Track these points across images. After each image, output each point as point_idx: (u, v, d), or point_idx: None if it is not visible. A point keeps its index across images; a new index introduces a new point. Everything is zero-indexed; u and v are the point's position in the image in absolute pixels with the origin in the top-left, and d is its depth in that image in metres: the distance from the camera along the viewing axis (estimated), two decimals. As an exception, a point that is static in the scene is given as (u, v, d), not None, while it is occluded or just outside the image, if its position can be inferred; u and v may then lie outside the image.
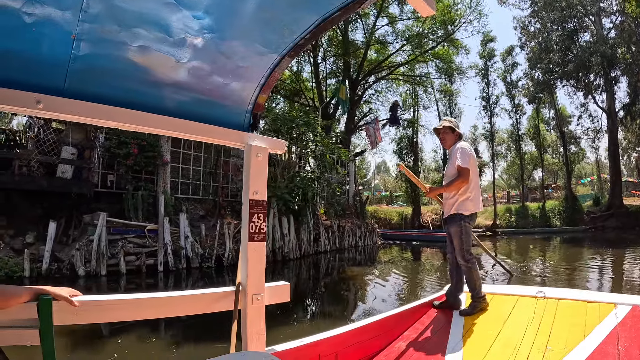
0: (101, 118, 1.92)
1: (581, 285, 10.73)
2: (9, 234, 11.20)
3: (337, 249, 20.64)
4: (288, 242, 17.05)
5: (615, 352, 3.06)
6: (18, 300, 1.64)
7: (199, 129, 2.21)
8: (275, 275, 13.54)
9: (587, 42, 33.94)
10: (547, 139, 47.61)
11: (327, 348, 3.13)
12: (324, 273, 15.42)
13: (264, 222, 2.36)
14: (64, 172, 12.66)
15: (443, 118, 5.09)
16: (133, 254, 12.35)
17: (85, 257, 11.43)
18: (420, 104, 42.02)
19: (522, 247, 23.60)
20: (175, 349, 5.95)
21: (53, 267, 11.05)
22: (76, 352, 5.63)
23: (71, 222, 12.25)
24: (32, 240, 11.31)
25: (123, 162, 13.74)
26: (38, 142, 12.35)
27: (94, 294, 8.98)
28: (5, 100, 1.68)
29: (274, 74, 2.21)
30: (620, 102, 35.00)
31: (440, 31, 31.49)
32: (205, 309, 2.25)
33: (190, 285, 11.66)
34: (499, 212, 38.51)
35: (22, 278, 10.38)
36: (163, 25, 1.81)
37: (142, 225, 12.88)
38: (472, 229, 4.53)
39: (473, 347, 3.49)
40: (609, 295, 4.39)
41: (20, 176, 11.76)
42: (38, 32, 1.63)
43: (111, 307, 1.96)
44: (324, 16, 1.89)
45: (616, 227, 31.19)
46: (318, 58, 31.86)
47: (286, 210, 17.23)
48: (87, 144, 13.43)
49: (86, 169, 13.21)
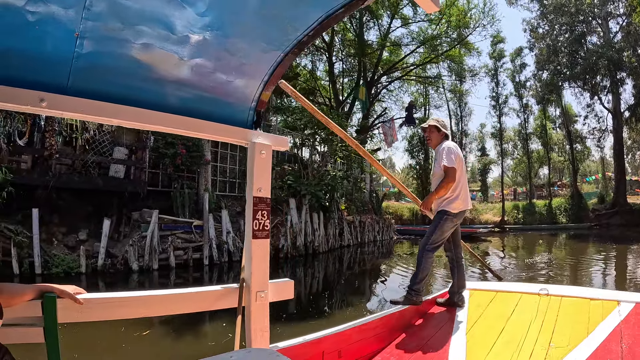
0: (105, 116, 1.86)
1: (586, 281, 10.65)
2: (61, 232, 11.23)
3: (359, 243, 20.80)
4: (318, 236, 17.26)
5: (618, 349, 2.96)
6: (23, 298, 1.60)
7: (203, 126, 2.13)
8: (307, 268, 14.19)
9: (595, 44, 33.59)
10: (554, 138, 47.12)
11: (330, 345, 3.04)
12: (352, 265, 15.91)
13: (268, 219, 2.28)
14: (116, 171, 12.81)
15: (430, 117, 4.93)
16: (181, 249, 12.56)
17: (138, 252, 11.62)
18: (432, 104, 42.00)
19: (531, 243, 23.62)
20: (179, 345, 5.86)
21: (107, 263, 11.17)
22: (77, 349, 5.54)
23: (121, 220, 12.36)
24: (84, 237, 11.39)
25: (170, 161, 13.84)
26: (93, 143, 12.44)
27: (147, 288, 9.00)
28: (9, 99, 1.63)
29: (277, 71, 2.13)
30: (626, 103, 34.63)
31: (454, 34, 31.32)
32: (209, 306, 2.18)
33: (231, 278, 11.77)
34: (506, 209, 38.13)
35: (79, 274, 10.47)
36: (166, 22, 1.74)
37: (189, 222, 13.05)
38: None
39: (476, 344, 3.38)
40: (612, 293, 4.25)
41: (79, 176, 11.88)
42: (41, 30, 1.57)
43: (115, 304, 1.90)
44: (327, 13, 1.82)
45: (620, 225, 30.79)
46: (333, 57, 31.73)
47: (318, 206, 17.49)
48: (139, 144, 13.55)
49: (138, 168, 13.35)
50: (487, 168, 52.07)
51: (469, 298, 4.48)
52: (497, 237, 27.60)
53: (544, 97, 37.73)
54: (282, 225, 15.58)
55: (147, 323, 6.36)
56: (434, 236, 4.21)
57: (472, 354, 3.20)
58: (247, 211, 2.25)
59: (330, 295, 10.45)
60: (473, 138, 52.75)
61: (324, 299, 9.99)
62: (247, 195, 2.27)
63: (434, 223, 4.27)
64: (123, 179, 12.86)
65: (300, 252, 15.93)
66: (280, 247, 15.21)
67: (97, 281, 10.25)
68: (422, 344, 3.49)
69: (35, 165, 11.40)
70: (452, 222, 4.25)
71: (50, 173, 11.15)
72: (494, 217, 36.99)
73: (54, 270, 10.19)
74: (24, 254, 10.05)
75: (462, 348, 3.32)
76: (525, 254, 17.87)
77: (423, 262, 4.18)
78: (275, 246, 15.04)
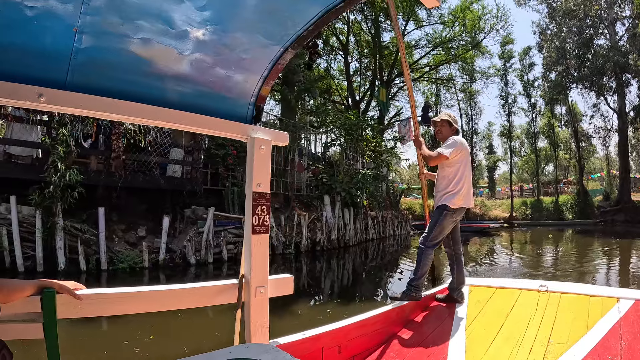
0: (104, 111, 1.76)
1: (589, 275, 10.50)
2: (120, 229, 11.35)
3: (381, 237, 21.05)
4: (349, 230, 17.61)
5: (617, 346, 2.85)
6: (22, 294, 1.51)
7: (202, 122, 2.02)
8: (339, 260, 14.81)
9: (601, 46, 33.15)
10: (560, 136, 46.58)
11: (330, 341, 2.93)
12: (382, 257, 16.66)
13: (268, 215, 2.16)
14: (174, 171, 13.08)
15: (442, 112, 4.75)
16: (232, 243, 12.77)
17: (195, 247, 11.83)
18: (444, 103, 41.86)
19: (539, 238, 23.83)
20: (178, 340, 5.73)
21: (167, 258, 11.35)
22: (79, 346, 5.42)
23: (175, 217, 12.46)
24: (143, 234, 11.52)
25: (222, 161, 14.04)
26: (155, 144, 12.69)
27: (204, 279, 9.11)
28: (7, 94, 1.54)
29: (277, 65, 2.03)
30: (631, 104, 34.16)
31: (467, 37, 31.12)
32: (209, 302, 2.08)
33: (275, 270, 11.98)
34: (515, 205, 37.85)
35: (143, 269, 10.62)
36: (165, 17, 1.65)
37: (239, 218, 13.18)
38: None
39: (476, 340, 3.25)
40: (611, 290, 4.07)
41: (143, 176, 12.09)
42: (40, 25, 1.49)
43: (114, 300, 1.80)
44: (327, 7, 1.72)
45: (624, 221, 30.42)
46: (348, 57, 31.63)
47: (351, 203, 17.84)
48: (194, 146, 13.78)
49: (194, 168, 13.60)
50: (495, 165, 51.74)
51: (469, 294, 4.32)
52: (507, 232, 27.73)
53: (552, 97, 37.19)
54: (319, 221, 16.01)
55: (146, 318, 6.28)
56: (433, 232, 4.06)
57: (472, 349, 3.08)
58: (246, 206, 2.15)
59: (368, 281, 11.35)
60: (483, 136, 52.33)
61: (361, 285, 10.87)
62: (246, 191, 2.17)
63: (434, 219, 4.11)
64: (180, 178, 13.16)
65: (334, 245, 16.39)
66: (317, 241, 15.65)
67: (159, 274, 10.46)
68: (422, 339, 3.38)
69: (100, 166, 11.62)
70: (451, 217, 4.07)
71: (117, 174, 11.33)
72: (502, 213, 36.79)
73: (120, 266, 10.32)
74: (90, 252, 10.17)
75: (461, 344, 3.20)
76: (536, 248, 18.69)
77: (423, 258, 4.04)
78: (313, 240, 15.50)
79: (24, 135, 10.61)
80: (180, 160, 13.18)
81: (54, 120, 10.19)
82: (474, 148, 44.70)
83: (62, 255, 9.64)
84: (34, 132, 10.87)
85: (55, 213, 9.61)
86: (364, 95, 32.04)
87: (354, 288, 10.41)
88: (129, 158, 11.92)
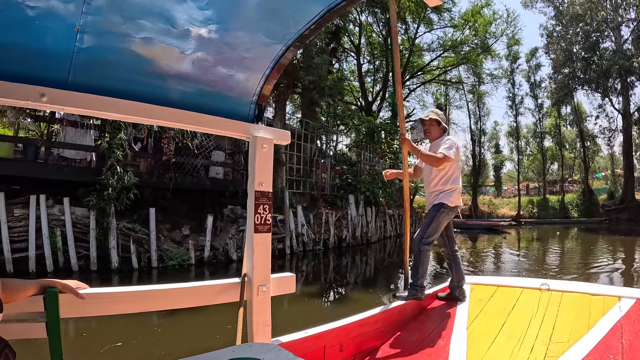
0: (106, 110, 1.70)
1: (594, 274, 10.28)
2: (166, 228, 11.49)
3: (397, 234, 21.13)
4: (371, 228, 17.88)
5: (619, 345, 2.74)
6: (25, 294, 1.46)
7: (204, 121, 1.95)
8: (365, 256, 15.20)
9: (607, 49, 32.74)
10: (566, 136, 46.05)
11: (332, 339, 2.84)
12: (400, 252, 16.27)
13: (270, 214, 2.08)
14: (217, 173, 13.30)
15: (430, 110, 4.53)
16: None
17: (236, 244, 11.99)
18: (452, 104, 41.37)
19: (546, 235, 23.73)
20: (180, 339, 5.65)
21: (210, 254, 11.50)
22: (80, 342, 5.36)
23: (216, 216, 12.54)
24: (187, 232, 11.69)
25: None
26: (200, 147, 12.80)
27: None
28: (9, 94, 1.49)
29: (279, 64, 1.96)
30: (635, 105, 33.77)
31: (477, 40, 30.85)
32: (211, 301, 2.00)
33: (304, 266, 12.51)
34: (522, 204, 37.61)
35: (190, 265, 10.79)
36: (167, 16, 1.59)
37: (274, 216, 13.28)
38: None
39: (477, 338, 3.14)
40: (613, 289, 3.92)
41: (191, 177, 12.28)
42: (41, 25, 1.45)
43: (117, 299, 1.74)
44: (329, 6, 1.65)
45: (628, 220, 29.85)
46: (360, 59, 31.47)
47: (374, 202, 18.11)
48: (235, 148, 13.96)
49: (236, 170, 13.83)
50: (501, 164, 51.31)
51: (470, 293, 4.18)
52: (514, 230, 27.63)
53: (559, 99, 36.78)
54: (344, 219, 16.20)
55: (149, 316, 6.20)
56: (429, 229, 3.90)
57: (473, 348, 2.98)
58: (248, 205, 2.07)
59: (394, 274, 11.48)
60: (490, 137, 51.81)
61: (387, 277, 11.38)
62: (248, 190, 2.09)
63: (430, 216, 3.95)
64: (222, 179, 13.34)
65: (358, 242, 16.62)
66: (343, 238, 15.81)
67: (204, 270, 10.61)
68: (423, 338, 3.27)
69: (150, 168, 11.82)
70: (448, 215, 3.95)
71: (167, 175, 11.54)
72: (510, 211, 36.66)
73: (170, 263, 10.46)
74: (141, 250, 10.32)
75: (462, 342, 3.09)
76: (544, 244, 18.89)
77: (422, 256, 3.88)
78: (339, 236, 15.72)
79: (78, 139, 10.72)
80: (225, 162, 13.44)
81: (108, 124, 10.32)
82: (482, 148, 44.28)
83: (115, 254, 9.82)
84: (88, 135, 10.96)
85: (109, 214, 9.76)
86: (376, 96, 31.81)
87: (383, 280, 10.98)
88: (178, 160, 12.05)
